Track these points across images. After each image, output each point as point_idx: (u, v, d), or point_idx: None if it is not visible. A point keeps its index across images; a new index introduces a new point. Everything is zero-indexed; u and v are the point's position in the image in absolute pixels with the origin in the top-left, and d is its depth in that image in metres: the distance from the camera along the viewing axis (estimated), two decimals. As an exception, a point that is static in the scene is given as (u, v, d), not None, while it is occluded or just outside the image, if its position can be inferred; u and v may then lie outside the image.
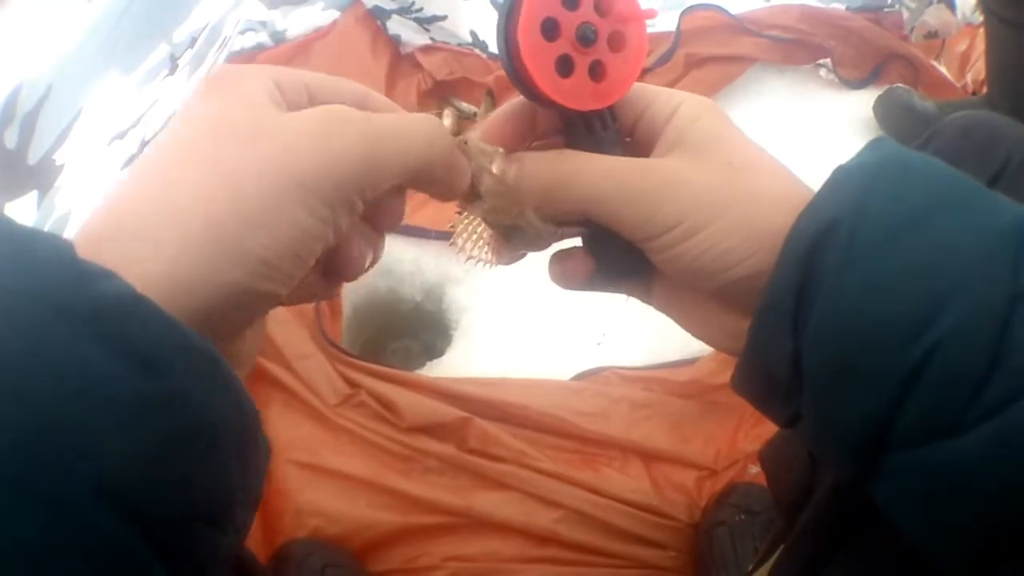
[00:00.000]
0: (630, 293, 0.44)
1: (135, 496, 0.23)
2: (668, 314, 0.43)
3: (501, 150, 0.38)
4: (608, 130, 0.38)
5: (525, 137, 0.40)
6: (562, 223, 0.39)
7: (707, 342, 0.41)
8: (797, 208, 0.34)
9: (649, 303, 0.43)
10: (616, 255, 0.40)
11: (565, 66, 0.36)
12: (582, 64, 0.36)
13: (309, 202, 0.29)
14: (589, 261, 0.41)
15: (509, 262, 0.42)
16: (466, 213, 0.40)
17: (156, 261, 0.27)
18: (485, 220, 0.40)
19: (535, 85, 0.35)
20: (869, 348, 0.31)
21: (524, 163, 0.38)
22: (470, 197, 0.39)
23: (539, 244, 0.40)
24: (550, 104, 0.36)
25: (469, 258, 0.40)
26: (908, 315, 0.30)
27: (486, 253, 0.40)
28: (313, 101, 0.34)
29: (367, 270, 0.37)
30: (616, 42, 0.37)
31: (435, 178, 0.35)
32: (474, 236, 0.40)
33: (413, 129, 0.33)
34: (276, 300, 0.30)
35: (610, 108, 0.38)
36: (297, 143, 0.30)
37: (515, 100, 0.40)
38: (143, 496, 0.24)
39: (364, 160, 0.31)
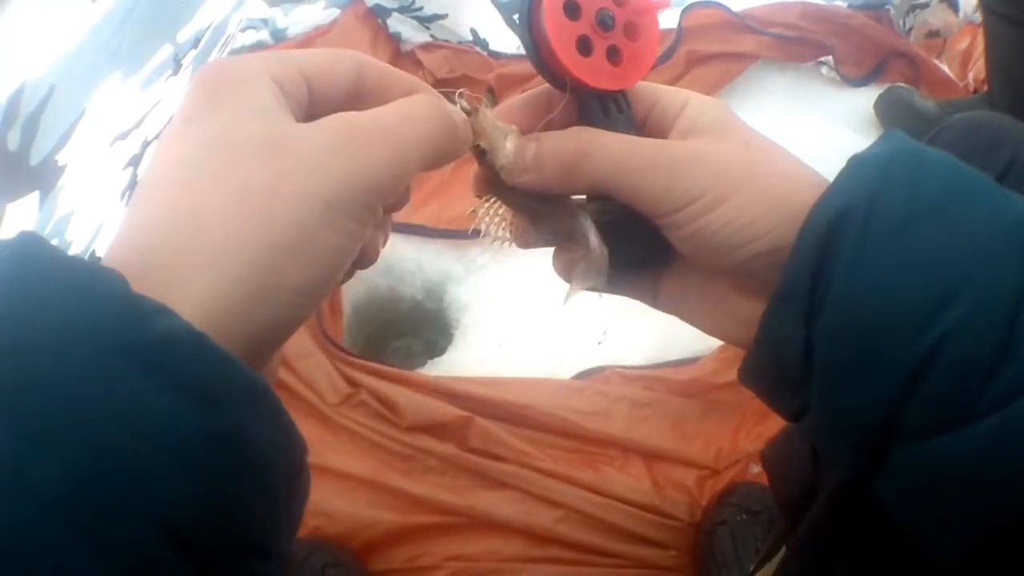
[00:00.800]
0: (635, 296, 0.43)
1: (195, 532, 0.23)
2: (676, 312, 0.43)
3: (515, 127, 0.39)
4: (623, 114, 0.39)
5: (537, 126, 0.40)
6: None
7: (717, 335, 0.41)
8: (814, 187, 0.34)
9: (653, 304, 0.43)
10: (627, 244, 0.40)
11: (584, 46, 0.37)
12: (600, 46, 0.37)
13: (338, 223, 0.29)
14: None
15: (528, 245, 0.42)
16: (487, 196, 0.40)
17: (196, 300, 0.26)
18: (505, 201, 0.40)
19: (557, 59, 0.36)
20: (880, 336, 0.31)
21: (543, 139, 0.38)
22: (488, 176, 0.39)
23: (560, 223, 0.40)
24: (570, 81, 0.37)
25: (494, 239, 0.41)
26: (919, 304, 0.31)
27: (507, 233, 0.41)
28: (312, 91, 0.33)
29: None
30: (631, 31, 0.38)
31: (444, 161, 0.35)
32: (496, 218, 0.40)
33: (428, 126, 0.33)
34: (305, 321, 0.30)
35: (624, 95, 0.39)
36: (322, 163, 0.29)
37: (528, 92, 0.41)
38: (202, 532, 0.24)
39: (389, 169, 0.30)
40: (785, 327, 0.34)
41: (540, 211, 0.40)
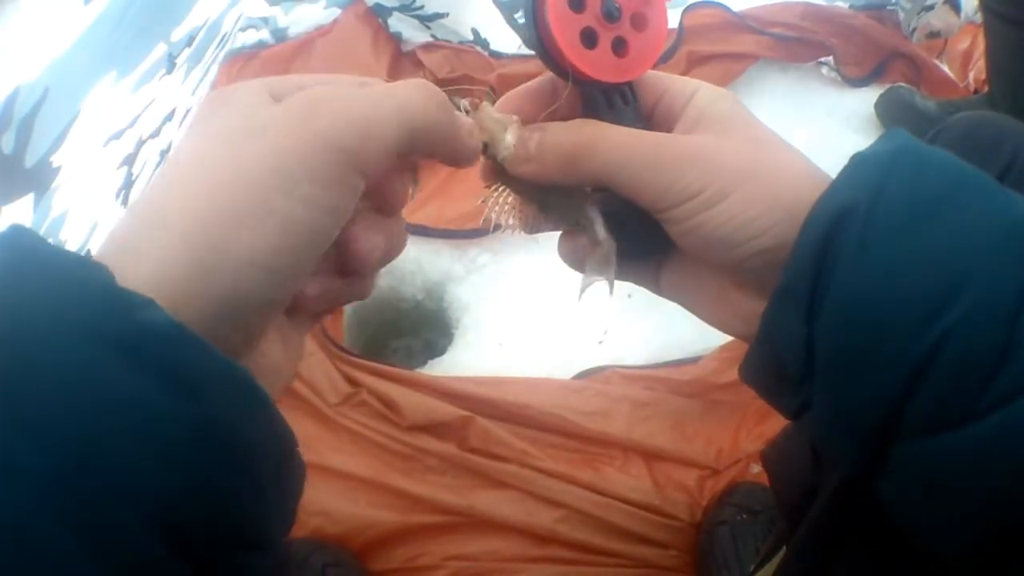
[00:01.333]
0: (638, 281, 0.43)
1: (183, 521, 0.24)
2: (678, 299, 0.42)
3: (516, 118, 0.39)
4: (629, 106, 0.39)
5: (541, 116, 0.40)
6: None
7: (718, 326, 0.41)
8: (818, 185, 0.34)
9: (657, 291, 0.43)
10: (629, 235, 0.40)
11: (589, 38, 0.37)
12: (606, 38, 0.37)
13: (296, 190, 0.28)
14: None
15: (536, 231, 0.42)
16: (494, 185, 0.40)
17: (148, 269, 0.26)
18: (512, 190, 0.40)
19: (560, 52, 0.36)
20: (881, 334, 0.31)
21: (547, 129, 0.38)
22: (491, 167, 0.39)
23: (566, 211, 0.40)
24: (574, 73, 0.37)
25: (504, 228, 0.41)
26: (921, 302, 0.31)
27: (513, 220, 0.41)
28: None
29: (387, 260, 0.35)
30: (638, 22, 0.38)
31: (437, 140, 0.33)
32: (505, 206, 0.41)
33: (403, 94, 0.32)
34: (279, 303, 0.29)
35: (630, 86, 0.39)
36: (278, 133, 0.29)
37: (534, 80, 0.41)
38: (190, 521, 0.24)
39: (350, 134, 0.29)
40: (786, 325, 0.34)
41: (546, 199, 0.40)
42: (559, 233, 0.42)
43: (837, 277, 0.32)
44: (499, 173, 0.40)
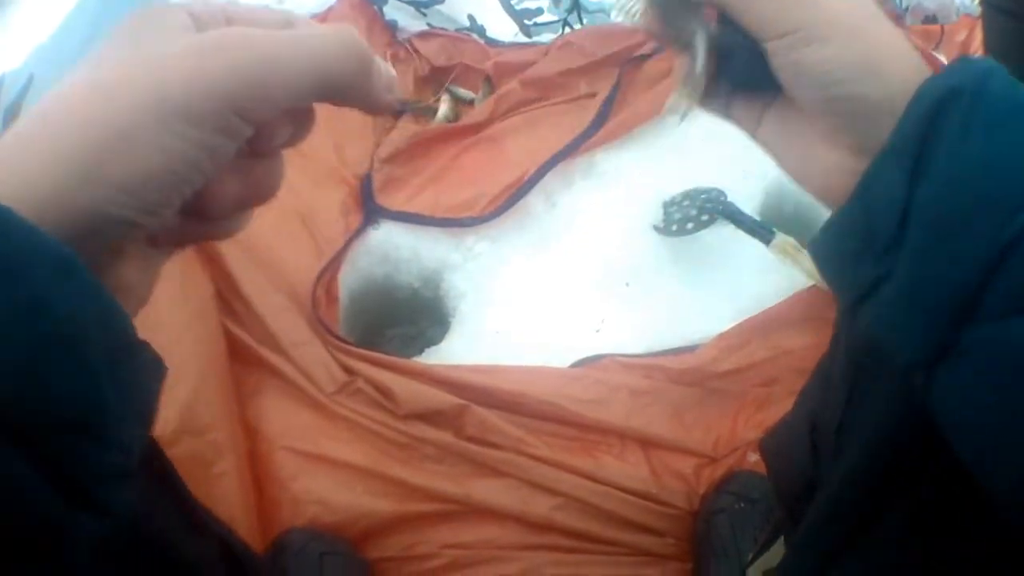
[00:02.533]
0: (740, 121, 0.45)
1: (6, 405, 0.24)
2: (769, 148, 0.44)
3: None
4: None
5: None
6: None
7: (798, 179, 0.43)
8: (912, 55, 0.37)
9: (753, 136, 0.45)
10: (740, 63, 0.42)
11: None
12: None
13: (173, 124, 0.28)
14: (713, 63, 0.43)
15: (652, 31, 0.45)
16: None
17: (17, 183, 0.27)
18: None
19: None
20: (976, 213, 0.33)
21: None
22: None
23: (681, 27, 0.42)
24: None
25: (627, 17, 0.45)
26: (1016, 187, 0.32)
27: (638, 17, 0.44)
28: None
29: (244, 206, 0.35)
30: None
31: (348, 93, 0.33)
32: (635, 5, 0.44)
33: (317, 45, 0.31)
34: (143, 228, 0.29)
35: None
36: (170, 64, 0.29)
37: None
38: (10, 403, 0.24)
39: (239, 83, 0.29)
40: (888, 184, 0.35)
41: (667, 7, 0.42)
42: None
43: (940, 154, 0.34)
44: None
